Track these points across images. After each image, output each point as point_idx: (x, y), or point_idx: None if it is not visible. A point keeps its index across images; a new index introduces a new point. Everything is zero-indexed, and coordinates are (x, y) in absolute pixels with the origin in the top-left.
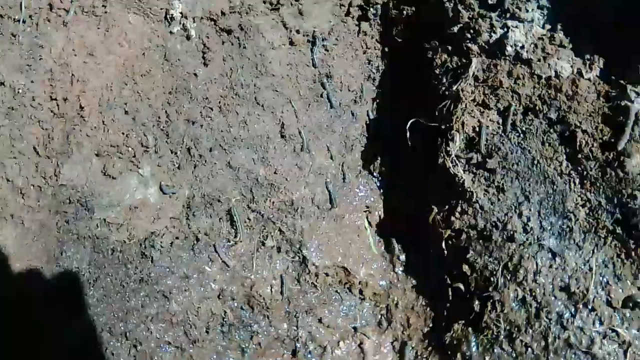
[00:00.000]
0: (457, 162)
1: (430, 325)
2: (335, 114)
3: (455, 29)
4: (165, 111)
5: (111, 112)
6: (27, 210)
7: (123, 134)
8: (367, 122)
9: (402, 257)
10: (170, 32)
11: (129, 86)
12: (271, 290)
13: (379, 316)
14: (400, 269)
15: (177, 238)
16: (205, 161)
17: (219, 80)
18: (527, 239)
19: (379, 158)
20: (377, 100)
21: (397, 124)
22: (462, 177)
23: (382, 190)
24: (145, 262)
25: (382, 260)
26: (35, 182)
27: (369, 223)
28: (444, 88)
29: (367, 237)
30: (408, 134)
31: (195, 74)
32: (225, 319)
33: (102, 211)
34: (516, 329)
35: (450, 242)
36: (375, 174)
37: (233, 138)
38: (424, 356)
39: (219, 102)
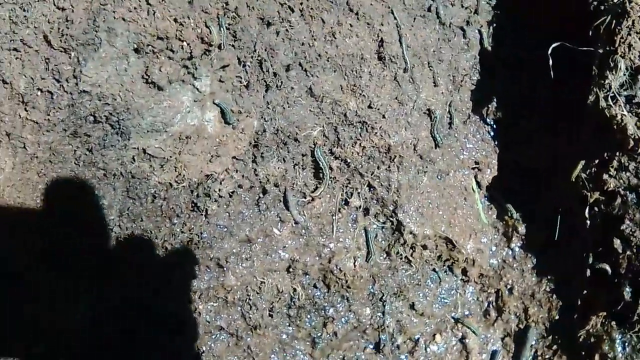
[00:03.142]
0: (617, 99)
1: (557, 317)
2: (444, 36)
3: None
4: None
5: None
6: (31, 129)
7: (176, 21)
8: (481, 51)
9: (521, 229)
10: None
11: None
12: (354, 264)
13: (486, 304)
14: (518, 244)
15: (239, 187)
16: (281, 83)
17: None
18: None
19: (495, 99)
20: (494, 24)
21: (521, 51)
22: (622, 120)
23: (496, 142)
24: (197, 216)
25: (494, 233)
26: (45, 86)
27: (478, 184)
28: None
29: (476, 201)
30: (550, 62)
31: None
32: (294, 299)
33: (141, 137)
34: None
35: (597, 208)
36: (488, 119)
37: (317, 55)
38: (546, 356)
39: (301, 4)
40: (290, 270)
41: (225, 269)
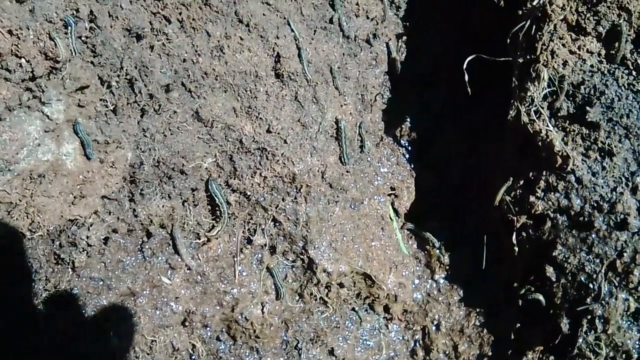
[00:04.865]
0: (541, 113)
1: (490, 354)
2: (349, 50)
3: None
4: (87, 5)
5: None
6: None
7: (11, 33)
8: (391, 66)
9: (445, 258)
10: None
11: None
12: (262, 310)
13: (413, 343)
14: (442, 275)
15: (114, 231)
16: (159, 106)
17: None
18: None
19: (408, 118)
20: (404, 36)
21: (434, 65)
22: (547, 136)
23: (412, 165)
24: (63, 270)
25: (416, 264)
26: None
27: (395, 211)
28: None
29: (394, 231)
30: (466, 77)
31: None
32: (193, 357)
33: None
34: (624, 356)
35: (524, 233)
36: (403, 141)
37: (203, 73)
38: None
39: (180, 14)
40: (187, 323)
41: (105, 330)
